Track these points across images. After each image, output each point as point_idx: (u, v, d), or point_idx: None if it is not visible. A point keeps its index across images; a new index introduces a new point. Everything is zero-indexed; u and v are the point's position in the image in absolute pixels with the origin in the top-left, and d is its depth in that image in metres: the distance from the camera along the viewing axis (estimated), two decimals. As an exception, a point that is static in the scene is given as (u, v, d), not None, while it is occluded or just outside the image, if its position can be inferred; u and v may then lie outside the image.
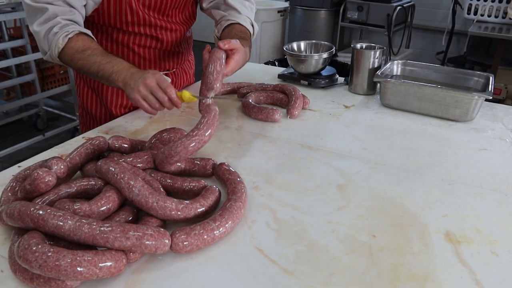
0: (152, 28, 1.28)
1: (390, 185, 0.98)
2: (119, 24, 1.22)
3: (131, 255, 0.72)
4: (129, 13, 1.20)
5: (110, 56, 1.12)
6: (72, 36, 1.11)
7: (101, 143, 0.95)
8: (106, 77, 1.11)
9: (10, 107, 3.43)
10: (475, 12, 3.74)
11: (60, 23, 1.11)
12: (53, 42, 1.11)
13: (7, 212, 0.73)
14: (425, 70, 1.51)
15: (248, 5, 1.40)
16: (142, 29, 1.26)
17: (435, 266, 0.74)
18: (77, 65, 1.13)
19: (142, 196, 0.78)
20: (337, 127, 1.27)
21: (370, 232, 0.82)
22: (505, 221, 0.86)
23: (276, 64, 2.12)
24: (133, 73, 1.08)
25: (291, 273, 0.73)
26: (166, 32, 1.32)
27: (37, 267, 0.63)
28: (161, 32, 1.31)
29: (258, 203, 0.91)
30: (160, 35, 1.31)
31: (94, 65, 1.11)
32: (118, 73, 1.09)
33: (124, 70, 1.09)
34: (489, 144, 1.18)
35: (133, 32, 1.26)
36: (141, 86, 1.04)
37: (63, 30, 1.11)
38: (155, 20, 1.26)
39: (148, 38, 1.30)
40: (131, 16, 1.21)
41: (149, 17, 1.24)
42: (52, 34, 1.11)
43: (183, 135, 0.95)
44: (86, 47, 1.12)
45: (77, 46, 1.12)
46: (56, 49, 1.12)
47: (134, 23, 1.23)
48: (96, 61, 1.10)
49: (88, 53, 1.11)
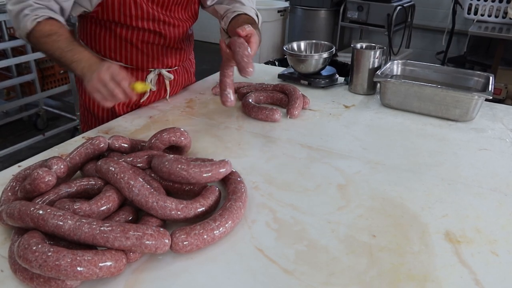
0: (156, 22, 1.28)
1: (390, 185, 0.98)
2: (123, 18, 1.23)
3: (131, 255, 0.72)
4: (133, 6, 1.21)
5: (73, 44, 1.13)
6: (41, 20, 1.13)
7: (101, 143, 0.95)
8: (67, 65, 1.13)
9: (10, 107, 3.43)
10: (475, 12, 3.74)
11: (32, 6, 1.12)
12: (22, 23, 1.13)
13: (7, 212, 0.73)
14: (425, 70, 1.51)
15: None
16: (146, 23, 1.27)
17: (435, 266, 0.74)
18: (42, 48, 1.16)
19: (142, 196, 0.78)
20: (337, 127, 1.27)
21: (370, 232, 0.82)
22: (505, 221, 0.86)
23: (276, 64, 2.12)
24: (91, 65, 1.09)
25: (291, 273, 0.73)
26: (169, 27, 1.32)
27: (37, 267, 0.63)
28: (164, 28, 1.31)
29: (258, 203, 0.91)
30: (164, 31, 1.31)
31: (57, 51, 1.13)
32: (77, 63, 1.10)
33: (83, 61, 1.10)
34: (489, 144, 1.18)
35: (136, 27, 1.26)
36: (95, 79, 1.05)
37: (34, 13, 1.13)
38: (159, 14, 1.27)
39: (151, 34, 1.30)
40: (135, 10, 1.22)
41: (152, 11, 1.25)
42: (22, 15, 1.13)
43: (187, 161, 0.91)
44: (52, 32, 1.14)
45: (44, 30, 1.13)
46: (24, 30, 1.14)
47: (138, 17, 1.24)
48: (59, 47, 1.12)
49: (54, 39, 1.13)
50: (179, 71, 1.50)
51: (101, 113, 1.41)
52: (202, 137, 1.19)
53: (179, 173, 0.85)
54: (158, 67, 1.38)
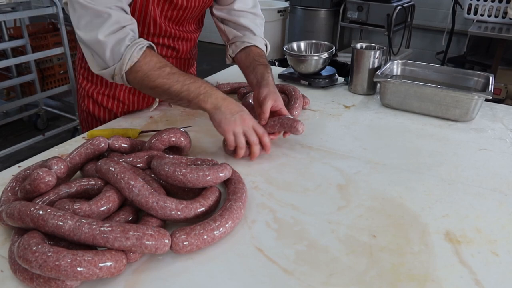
0: (171, 39, 1.29)
1: (390, 185, 0.98)
2: (140, 34, 1.17)
3: (131, 255, 0.72)
4: (152, 25, 1.19)
5: (192, 76, 1.06)
6: (145, 50, 1.03)
7: (101, 143, 0.95)
8: (192, 97, 1.03)
9: (10, 107, 3.43)
10: (475, 12, 3.74)
11: (129, 35, 1.02)
12: (126, 55, 1.01)
13: (7, 212, 0.73)
14: (425, 70, 1.51)
15: (259, 23, 1.39)
16: (161, 40, 1.27)
17: (435, 266, 0.74)
18: (154, 83, 1.03)
19: (142, 196, 0.78)
20: (337, 127, 1.27)
21: (370, 232, 0.82)
22: (505, 221, 0.86)
23: (276, 64, 2.12)
24: (225, 100, 1.03)
25: (291, 273, 0.73)
26: (182, 41, 1.33)
27: (37, 267, 0.63)
28: (178, 42, 1.31)
29: (258, 203, 0.91)
30: (177, 45, 1.32)
31: (176, 84, 1.02)
32: (206, 95, 1.02)
33: (214, 93, 1.03)
34: (489, 144, 1.18)
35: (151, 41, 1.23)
36: (239, 121, 1.01)
37: (137, 43, 1.02)
38: (175, 31, 1.27)
39: (164, 48, 1.30)
40: (154, 28, 1.20)
41: (169, 29, 1.24)
42: (124, 46, 1.01)
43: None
44: (163, 64, 1.04)
45: (153, 62, 1.03)
46: (129, 63, 1.01)
47: (155, 34, 1.23)
48: (179, 80, 1.02)
49: (168, 71, 1.03)
50: None
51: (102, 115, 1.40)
52: (202, 138, 1.19)
53: (176, 177, 0.85)
54: None
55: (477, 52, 4.04)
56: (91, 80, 1.35)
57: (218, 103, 1.02)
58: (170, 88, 1.03)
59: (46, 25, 4.04)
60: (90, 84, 1.35)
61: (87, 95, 1.37)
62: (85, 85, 1.36)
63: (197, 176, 0.85)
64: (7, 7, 2.96)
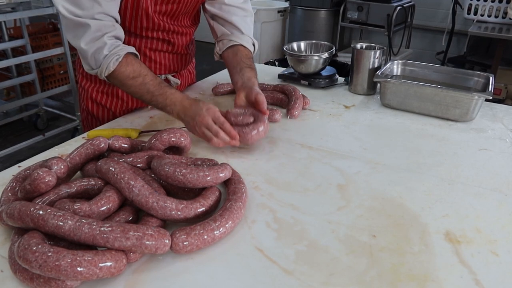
0: (165, 32, 1.29)
1: (390, 185, 0.98)
2: (134, 28, 1.23)
3: (131, 255, 0.72)
4: (144, 19, 1.21)
5: (161, 87, 1.13)
6: (121, 60, 1.11)
7: (101, 143, 0.95)
8: (160, 108, 1.14)
9: (10, 107, 3.43)
10: (475, 12, 3.74)
11: (107, 44, 1.10)
12: (103, 64, 1.10)
13: (7, 212, 0.73)
14: (425, 70, 1.51)
15: (249, 20, 1.40)
16: (156, 33, 1.27)
17: (435, 266, 0.74)
18: (129, 90, 1.16)
19: (142, 196, 0.78)
20: (337, 127, 1.27)
21: (370, 232, 0.82)
22: (505, 221, 0.86)
23: (276, 64, 2.12)
24: (185, 108, 1.09)
25: (291, 273, 0.73)
26: (177, 36, 1.33)
27: (37, 267, 0.63)
28: (173, 36, 1.32)
29: (258, 203, 0.91)
30: (172, 39, 1.32)
31: (147, 95, 1.13)
32: (171, 107, 1.11)
33: (177, 104, 1.11)
34: (489, 144, 1.18)
35: (146, 36, 1.27)
36: (199, 123, 1.07)
37: (113, 52, 1.10)
38: (168, 25, 1.28)
39: (160, 42, 1.31)
40: (146, 22, 1.22)
41: (163, 23, 1.25)
42: (102, 56, 1.10)
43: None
44: (136, 74, 1.12)
45: (127, 72, 1.12)
46: (106, 72, 1.11)
47: (148, 28, 1.24)
48: (149, 91, 1.12)
49: (140, 81, 1.12)
50: (184, 74, 1.51)
51: (101, 114, 1.41)
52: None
53: (177, 177, 0.85)
54: (165, 73, 1.40)
55: (477, 52, 4.04)
56: (90, 79, 1.36)
57: (180, 113, 1.11)
58: (142, 97, 1.15)
59: (46, 25, 4.04)
60: (89, 83, 1.36)
61: (86, 94, 1.38)
62: (84, 84, 1.37)
63: (197, 176, 0.85)
64: (7, 7, 2.96)
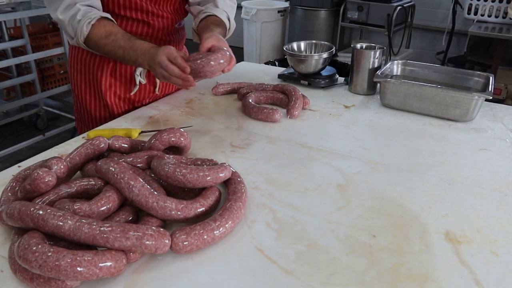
0: (144, 13, 1.30)
1: (390, 185, 0.98)
2: (112, 6, 1.25)
3: (131, 255, 0.72)
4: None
5: (132, 40, 1.17)
6: (94, 23, 1.16)
7: (101, 143, 0.95)
8: (133, 61, 1.18)
9: (10, 107, 3.43)
10: (475, 12, 3.74)
11: (81, 10, 1.16)
12: (78, 29, 1.17)
13: (7, 212, 0.73)
14: (425, 70, 1.51)
15: (228, 3, 1.42)
16: (134, 13, 1.28)
17: (435, 266, 0.74)
18: (104, 50, 1.20)
19: (142, 196, 0.78)
20: (337, 127, 1.27)
21: (370, 232, 0.82)
22: (505, 221, 0.86)
23: (276, 64, 2.12)
24: (152, 55, 1.12)
25: (291, 273, 0.73)
26: (157, 18, 1.33)
27: (37, 267, 0.63)
28: (153, 18, 1.32)
29: (258, 203, 0.91)
30: (152, 21, 1.32)
31: (119, 51, 1.17)
32: (142, 57, 1.14)
33: (145, 53, 1.14)
34: (489, 144, 1.18)
35: (125, 16, 1.28)
36: (157, 66, 1.09)
37: (86, 17, 1.16)
38: (147, 5, 1.28)
39: (139, 24, 1.31)
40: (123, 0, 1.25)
41: (140, 2, 1.27)
42: (76, 22, 1.16)
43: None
44: (108, 33, 1.17)
45: (100, 32, 1.17)
46: (81, 36, 1.17)
47: (126, 6, 1.26)
48: (120, 46, 1.16)
49: (112, 39, 1.17)
50: None
51: (98, 113, 1.41)
52: (202, 138, 1.19)
53: (176, 177, 0.85)
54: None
55: (477, 52, 4.04)
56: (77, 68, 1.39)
57: (149, 61, 1.13)
58: (116, 53, 1.18)
59: (46, 25, 4.04)
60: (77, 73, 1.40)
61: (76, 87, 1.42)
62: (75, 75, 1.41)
63: (197, 176, 0.85)
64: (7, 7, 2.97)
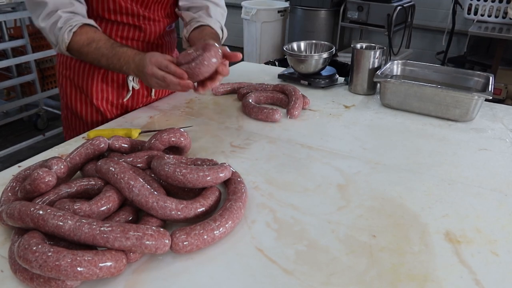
0: (135, 18, 1.27)
1: (390, 185, 0.98)
2: (101, 11, 1.22)
3: (131, 255, 0.72)
4: (111, 2, 1.20)
5: (114, 47, 1.13)
6: (76, 30, 1.13)
7: (101, 143, 0.95)
8: (118, 70, 1.14)
9: (10, 107, 3.43)
10: (475, 12, 3.74)
11: (62, 17, 1.12)
12: (59, 37, 1.13)
13: (7, 212, 0.73)
14: (425, 70, 1.51)
15: (219, 11, 1.39)
16: (125, 18, 1.26)
17: (435, 266, 0.74)
18: (87, 58, 1.17)
19: (142, 196, 0.78)
20: (337, 127, 1.27)
21: (370, 232, 0.82)
22: (505, 221, 0.86)
23: (276, 64, 2.12)
24: (137, 65, 1.09)
25: (291, 273, 0.73)
26: (149, 22, 1.30)
27: (37, 267, 0.63)
28: (144, 22, 1.29)
29: (258, 203, 0.91)
30: (143, 25, 1.29)
31: (102, 59, 1.13)
32: (126, 66, 1.11)
33: (130, 62, 1.10)
34: (489, 144, 1.18)
35: (115, 21, 1.25)
36: (148, 77, 1.06)
37: (67, 24, 1.13)
38: (138, 10, 1.25)
39: (131, 28, 1.29)
40: (113, 5, 1.21)
41: (131, 7, 1.24)
42: (57, 29, 1.13)
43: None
44: (90, 40, 1.14)
45: (82, 40, 1.14)
46: (63, 44, 1.14)
47: (116, 11, 1.23)
48: (103, 54, 1.13)
49: (94, 46, 1.13)
50: None
51: (90, 119, 1.38)
52: (202, 137, 1.19)
53: (176, 177, 0.85)
54: None
55: (477, 52, 4.05)
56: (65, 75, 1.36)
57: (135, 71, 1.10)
58: (100, 62, 1.15)
59: (46, 25, 4.03)
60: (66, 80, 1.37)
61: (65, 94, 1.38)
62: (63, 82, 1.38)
63: (197, 176, 0.85)
64: (7, 7, 2.97)
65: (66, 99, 1.40)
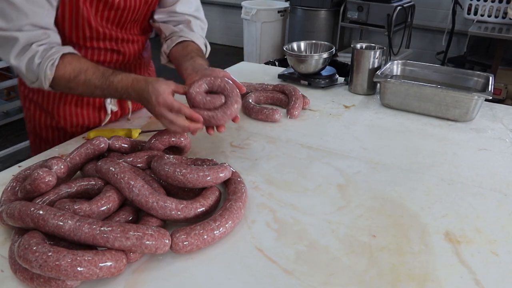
0: (113, 41, 1.17)
1: (390, 185, 0.98)
2: (75, 38, 1.10)
3: (131, 255, 0.72)
4: (87, 28, 1.09)
5: (106, 77, 1.01)
6: (58, 63, 1.00)
7: (101, 143, 0.95)
8: (117, 98, 1.08)
9: (10, 107, 3.43)
10: (475, 12, 3.74)
11: (39, 51, 0.99)
12: (40, 73, 0.99)
13: (8, 212, 0.73)
14: (425, 70, 1.51)
15: (199, 24, 1.29)
16: (102, 43, 1.15)
17: (435, 266, 0.74)
18: (77, 92, 1.06)
19: (142, 196, 0.78)
20: (337, 127, 1.27)
21: (370, 232, 0.82)
22: (505, 221, 0.86)
23: (276, 64, 2.12)
24: (139, 94, 0.99)
25: (291, 273, 0.73)
26: (127, 44, 1.21)
27: (37, 267, 0.63)
28: (122, 45, 1.20)
29: (258, 203, 0.91)
30: (122, 48, 1.20)
31: (96, 91, 1.02)
32: (126, 95, 1.01)
33: (130, 90, 1.00)
34: (489, 144, 1.18)
35: (91, 46, 1.14)
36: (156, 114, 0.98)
37: (46, 58, 0.99)
38: (116, 33, 1.16)
39: (108, 52, 1.18)
40: (90, 31, 1.10)
41: (109, 31, 1.13)
42: (35, 65, 0.99)
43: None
44: (77, 72, 1.01)
45: (67, 73, 1.01)
46: (46, 81, 1.01)
47: (92, 38, 1.12)
48: (96, 86, 1.01)
49: (83, 78, 1.01)
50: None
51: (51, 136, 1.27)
52: (202, 138, 1.18)
53: (177, 177, 0.85)
54: None
55: (477, 52, 4.04)
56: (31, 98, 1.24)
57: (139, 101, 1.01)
58: (94, 94, 1.04)
59: (46, 25, 4.03)
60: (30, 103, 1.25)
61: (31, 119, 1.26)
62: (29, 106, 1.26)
63: (197, 176, 0.85)
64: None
65: (34, 124, 1.27)
